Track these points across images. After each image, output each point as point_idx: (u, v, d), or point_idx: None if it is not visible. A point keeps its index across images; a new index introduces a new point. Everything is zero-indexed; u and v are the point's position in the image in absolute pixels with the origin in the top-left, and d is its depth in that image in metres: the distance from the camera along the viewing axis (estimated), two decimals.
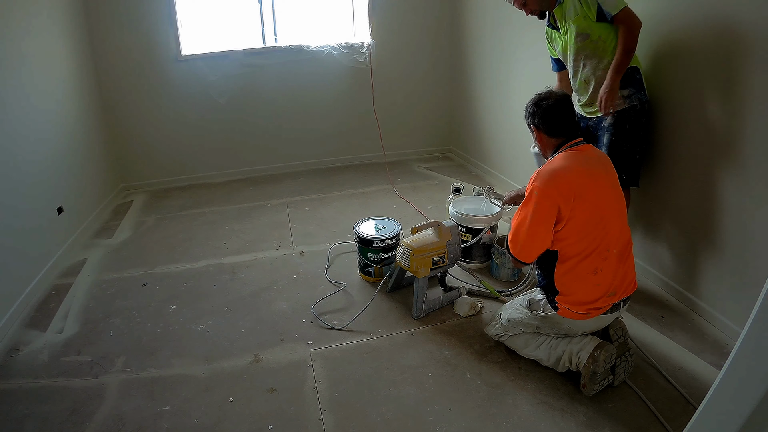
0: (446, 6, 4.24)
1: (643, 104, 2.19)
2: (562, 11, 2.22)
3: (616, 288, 1.75)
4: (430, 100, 4.54)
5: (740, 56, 1.87)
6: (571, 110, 1.80)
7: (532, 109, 1.83)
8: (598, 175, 1.74)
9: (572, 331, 1.83)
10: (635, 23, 2.05)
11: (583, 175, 1.70)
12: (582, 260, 1.72)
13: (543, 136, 1.83)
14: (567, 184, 1.68)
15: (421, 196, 3.71)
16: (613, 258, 1.73)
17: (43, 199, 2.82)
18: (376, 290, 2.44)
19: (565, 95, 1.82)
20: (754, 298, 0.79)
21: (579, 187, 1.68)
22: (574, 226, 1.69)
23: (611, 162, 1.86)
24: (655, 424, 1.68)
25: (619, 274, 1.76)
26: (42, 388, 1.95)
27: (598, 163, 1.77)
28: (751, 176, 1.91)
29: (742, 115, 1.90)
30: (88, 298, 2.57)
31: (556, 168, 1.71)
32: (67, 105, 3.24)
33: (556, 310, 1.80)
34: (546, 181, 1.70)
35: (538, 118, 1.81)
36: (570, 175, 1.69)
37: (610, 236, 1.72)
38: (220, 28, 3.95)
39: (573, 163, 1.72)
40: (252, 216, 3.49)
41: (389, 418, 1.75)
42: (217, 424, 1.76)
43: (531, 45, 3.22)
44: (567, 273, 1.75)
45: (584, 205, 1.68)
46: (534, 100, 1.83)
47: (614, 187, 1.78)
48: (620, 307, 1.80)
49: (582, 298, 1.74)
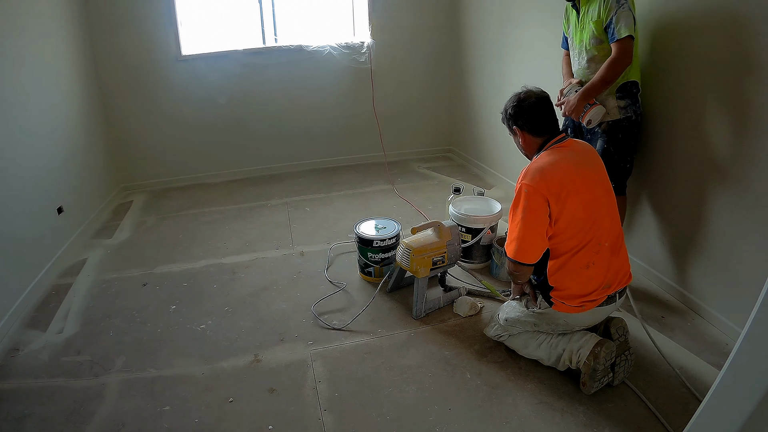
0: (446, 6, 4.24)
1: (638, 116, 2.21)
2: (588, 1, 2.17)
3: (611, 280, 1.75)
4: (430, 100, 4.54)
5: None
6: (552, 107, 1.79)
7: (513, 110, 1.80)
8: (585, 169, 1.73)
9: (569, 325, 1.83)
10: (626, 58, 2.04)
11: (571, 171, 1.69)
12: (574, 255, 1.71)
13: (527, 136, 1.80)
14: (556, 181, 1.66)
15: (421, 196, 3.71)
16: (605, 251, 1.73)
17: (43, 199, 2.82)
18: (376, 290, 2.44)
19: (544, 93, 1.80)
20: (754, 298, 0.80)
21: (568, 183, 1.66)
22: (565, 222, 1.68)
23: (597, 154, 1.86)
24: (655, 424, 1.68)
25: (613, 266, 1.76)
26: (42, 388, 1.95)
27: (584, 158, 1.76)
28: (748, 178, 1.91)
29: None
30: (88, 298, 2.57)
31: (544, 165, 1.70)
32: (68, 105, 3.24)
33: (551, 305, 1.81)
34: (534, 178, 1.68)
35: (522, 119, 1.78)
36: (558, 172, 1.67)
37: (601, 230, 1.72)
38: (220, 28, 3.95)
39: (560, 160, 1.71)
40: (252, 216, 3.49)
41: (389, 418, 1.75)
42: (217, 424, 1.76)
43: (531, 45, 3.22)
44: (559, 269, 1.74)
45: (574, 201, 1.67)
46: (513, 100, 1.80)
47: (602, 181, 1.77)
48: (616, 299, 1.80)
49: (575, 292, 1.74)
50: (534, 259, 1.74)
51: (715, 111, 2.02)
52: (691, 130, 2.13)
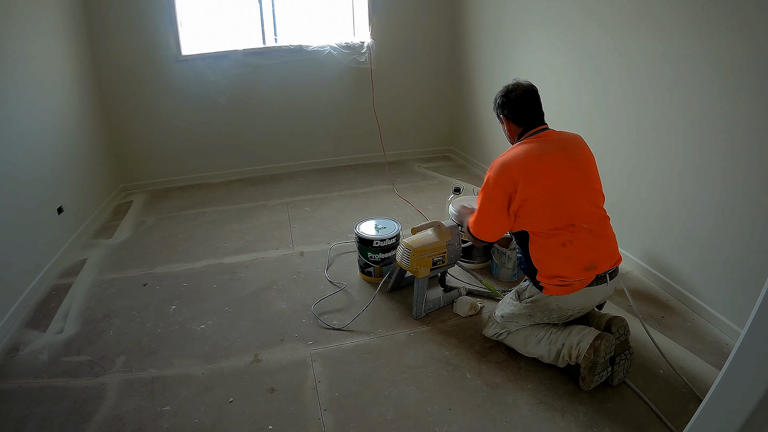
0: (446, 6, 4.24)
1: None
2: None
3: (594, 261, 1.79)
4: (430, 100, 4.54)
5: None
6: (538, 100, 1.92)
7: (501, 100, 1.95)
8: (551, 156, 1.83)
9: (563, 310, 1.85)
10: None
11: (533, 161, 1.81)
12: (549, 236, 1.81)
13: (511, 124, 1.96)
14: (517, 170, 1.80)
15: (421, 196, 3.71)
16: (583, 232, 1.79)
17: (43, 199, 2.82)
18: (376, 290, 2.44)
19: (532, 86, 1.93)
20: (754, 298, 0.79)
21: (528, 172, 1.80)
22: (532, 205, 1.81)
23: (582, 142, 1.93)
24: (655, 424, 1.68)
25: (597, 248, 1.81)
26: (42, 388, 1.95)
27: (555, 146, 1.86)
28: (747, 175, 1.91)
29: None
30: (88, 298, 2.57)
31: (507, 159, 1.85)
32: (68, 105, 3.24)
33: (541, 290, 1.85)
34: (497, 171, 1.85)
35: (507, 108, 1.93)
36: (518, 163, 1.82)
37: (572, 211, 1.80)
38: (220, 28, 3.95)
39: (524, 150, 1.84)
40: (252, 216, 3.49)
41: (389, 418, 1.75)
42: (217, 424, 1.76)
43: (530, 45, 3.22)
44: (538, 249, 1.84)
45: (534, 187, 1.79)
46: (503, 91, 1.95)
47: (576, 168, 1.85)
48: (607, 279, 1.84)
49: (557, 271, 1.80)
50: (487, 237, 1.98)
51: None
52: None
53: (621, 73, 2.49)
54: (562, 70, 2.95)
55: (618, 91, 2.53)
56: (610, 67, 2.57)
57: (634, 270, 2.59)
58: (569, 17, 2.83)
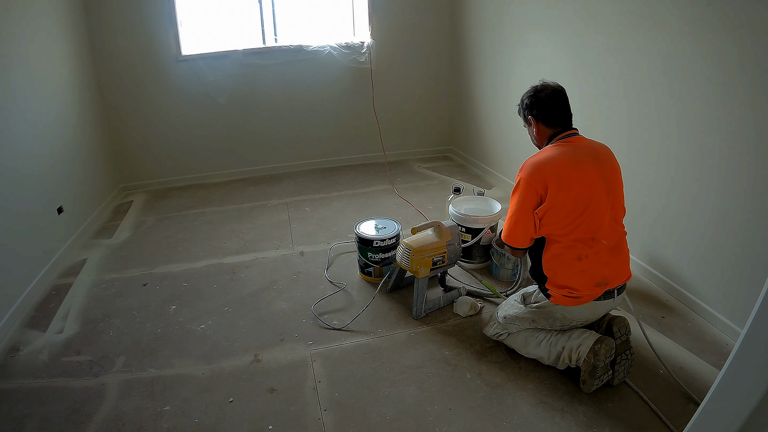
0: (446, 6, 4.24)
1: None
2: None
3: (607, 278, 1.77)
4: (430, 100, 4.54)
5: None
6: (567, 101, 1.84)
7: (529, 100, 1.86)
8: (584, 165, 1.75)
9: (567, 319, 1.83)
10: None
11: (567, 166, 1.73)
12: (567, 247, 1.76)
13: (541, 126, 1.86)
14: (550, 173, 1.73)
15: (421, 196, 3.71)
16: (601, 248, 1.75)
17: (43, 200, 2.82)
18: (376, 290, 2.44)
19: (560, 87, 1.85)
20: (754, 298, 0.79)
21: (561, 177, 1.72)
22: (556, 213, 1.74)
23: (611, 154, 1.85)
24: (655, 424, 1.68)
25: (612, 265, 1.78)
26: (42, 388, 1.95)
27: (587, 154, 1.78)
28: (746, 175, 1.91)
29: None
30: (88, 298, 2.57)
31: (540, 159, 1.77)
32: (68, 105, 3.23)
33: (548, 298, 1.82)
34: (529, 172, 1.77)
35: (537, 109, 1.84)
36: (552, 166, 1.74)
37: (595, 226, 1.74)
38: (220, 28, 3.95)
39: (559, 154, 1.76)
40: (252, 216, 3.49)
41: (389, 418, 1.75)
42: (217, 424, 1.76)
43: (531, 45, 3.22)
44: (552, 258, 1.80)
45: (566, 194, 1.72)
46: (531, 92, 1.86)
47: (605, 179, 1.76)
48: (614, 295, 1.81)
49: (568, 283, 1.76)
50: (520, 243, 1.84)
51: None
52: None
53: (621, 72, 2.49)
54: (562, 69, 2.94)
55: (618, 91, 2.53)
56: (610, 67, 2.57)
57: (634, 270, 2.59)
58: (569, 17, 2.83)
